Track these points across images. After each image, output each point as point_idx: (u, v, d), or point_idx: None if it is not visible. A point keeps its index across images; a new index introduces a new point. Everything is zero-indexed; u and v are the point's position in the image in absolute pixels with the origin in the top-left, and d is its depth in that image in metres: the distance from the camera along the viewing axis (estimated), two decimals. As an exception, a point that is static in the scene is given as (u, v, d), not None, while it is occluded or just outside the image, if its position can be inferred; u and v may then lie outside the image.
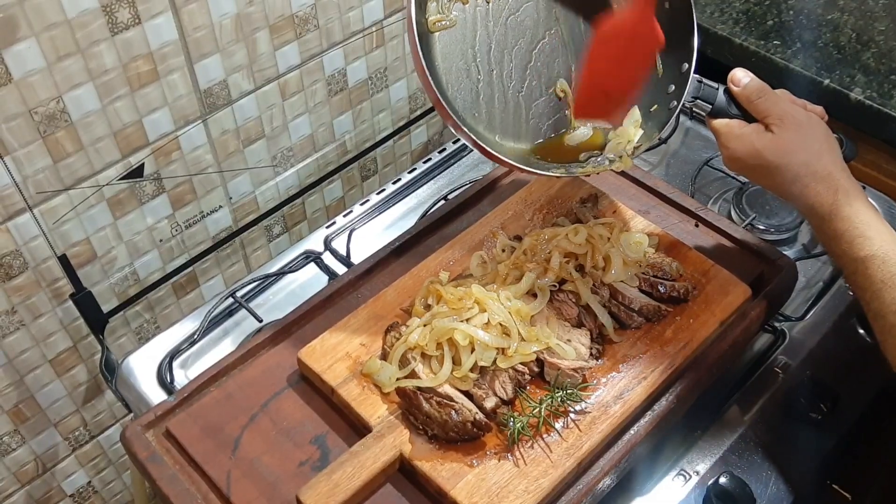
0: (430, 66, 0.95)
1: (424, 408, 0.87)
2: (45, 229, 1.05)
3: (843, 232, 0.85)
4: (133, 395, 1.09)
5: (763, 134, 0.90)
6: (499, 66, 1.01)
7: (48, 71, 0.95)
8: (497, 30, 1.00)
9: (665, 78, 0.99)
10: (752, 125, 0.91)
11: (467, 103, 0.99)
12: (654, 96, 1.00)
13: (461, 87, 0.99)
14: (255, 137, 1.22)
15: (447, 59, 0.98)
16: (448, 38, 0.98)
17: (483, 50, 1.00)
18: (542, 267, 0.97)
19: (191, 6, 1.04)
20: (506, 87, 1.01)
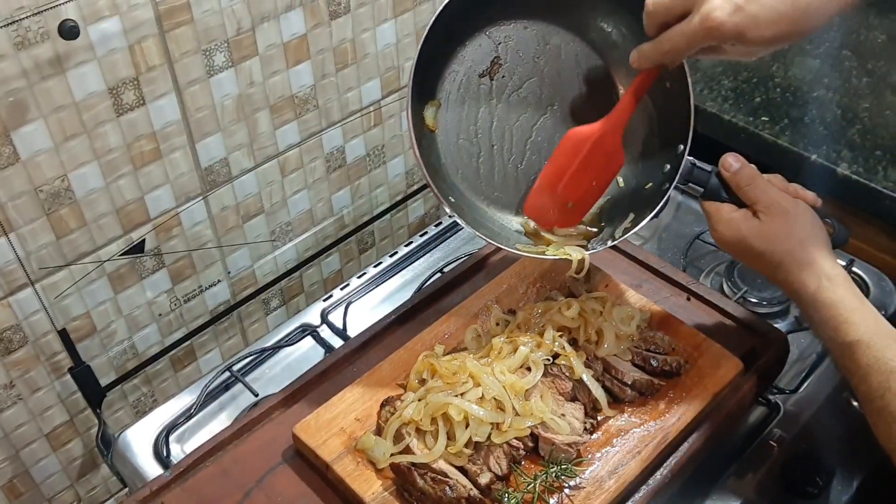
0: (427, 162, 0.98)
1: (419, 484, 0.87)
2: (46, 304, 1.06)
3: (829, 318, 0.86)
4: (129, 470, 1.09)
5: (750, 220, 0.92)
6: (500, 141, 1.04)
7: (55, 151, 0.99)
8: (500, 106, 1.03)
9: (661, 157, 1.01)
10: (741, 210, 0.93)
11: (468, 177, 1.03)
12: (650, 174, 1.02)
13: (461, 162, 1.02)
14: (254, 213, 1.25)
15: (448, 135, 1.02)
16: (450, 115, 1.02)
17: (485, 126, 1.03)
18: (536, 341, 0.98)
19: (193, 88, 1.08)
20: (505, 162, 1.04)
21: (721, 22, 0.79)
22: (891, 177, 1.32)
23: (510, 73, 1.03)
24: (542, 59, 1.03)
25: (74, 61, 0.95)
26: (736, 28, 0.79)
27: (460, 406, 0.90)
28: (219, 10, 1.05)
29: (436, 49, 0.97)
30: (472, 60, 1.01)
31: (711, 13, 0.80)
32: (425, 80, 0.99)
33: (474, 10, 0.99)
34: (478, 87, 1.02)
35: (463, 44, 1.00)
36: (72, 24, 0.91)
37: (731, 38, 0.81)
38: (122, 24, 0.97)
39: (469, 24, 1.00)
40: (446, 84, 1.01)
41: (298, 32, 1.15)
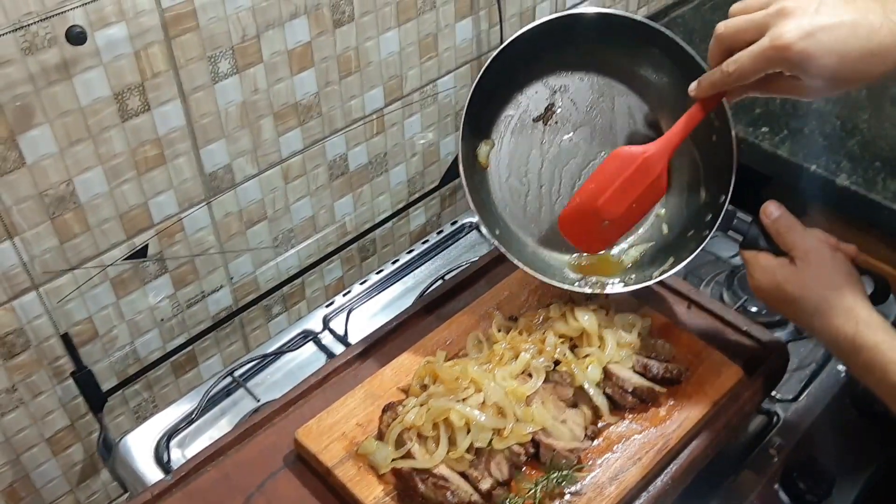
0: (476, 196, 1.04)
1: (420, 489, 0.87)
2: (49, 308, 1.07)
3: (872, 361, 0.85)
4: (129, 475, 1.09)
5: (786, 267, 0.91)
6: (549, 183, 1.10)
7: (60, 155, 0.99)
8: (551, 150, 1.09)
9: (704, 207, 1.04)
10: (778, 258, 0.93)
11: (515, 214, 1.09)
12: (692, 222, 1.05)
13: (510, 200, 1.09)
14: (257, 219, 1.26)
15: (500, 173, 1.09)
16: (503, 155, 1.09)
17: (535, 168, 1.09)
18: (538, 347, 0.99)
19: (198, 94, 1.09)
20: (553, 202, 1.10)
21: (791, 44, 0.79)
22: (890, 188, 1.33)
23: (563, 121, 1.09)
24: (596, 109, 1.09)
25: (81, 67, 0.96)
26: (804, 53, 0.79)
27: (462, 411, 0.90)
28: (224, 18, 1.06)
29: (492, 91, 1.04)
30: (527, 105, 1.08)
31: (782, 34, 0.79)
32: (481, 119, 1.06)
33: (532, 59, 1.05)
34: (531, 131, 1.09)
35: (521, 89, 1.07)
36: (79, 29, 0.92)
37: (797, 64, 0.80)
38: (128, 31, 0.98)
39: (527, 72, 1.06)
40: (501, 126, 1.08)
41: (303, 40, 1.16)
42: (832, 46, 0.79)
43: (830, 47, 0.79)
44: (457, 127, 1.50)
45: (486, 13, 1.41)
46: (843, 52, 0.79)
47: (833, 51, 0.79)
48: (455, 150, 1.52)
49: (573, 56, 1.06)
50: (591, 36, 1.04)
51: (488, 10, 1.40)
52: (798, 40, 0.79)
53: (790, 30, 0.79)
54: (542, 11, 1.52)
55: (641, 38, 1.02)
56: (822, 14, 0.79)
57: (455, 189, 1.58)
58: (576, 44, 1.05)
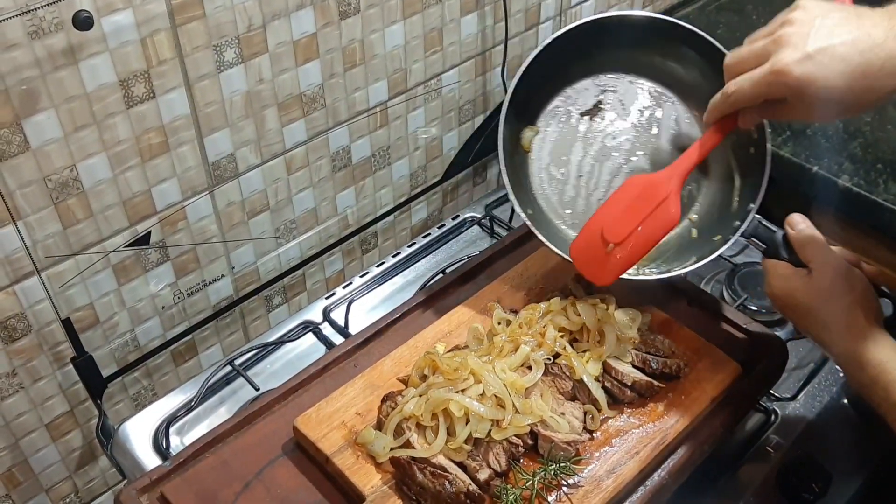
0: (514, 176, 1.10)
1: (418, 478, 0.87)
2: (51, 293, 1.07)
3: (876, 378, 0.84)
4: (128, 461, 1.10)
5: (802, 277, 0.92)
6: (587, 174, 1.14)
7: (64, 141, 0.99)
8: (594, 144, 1.15)
9: (734, 214, 1.07)
10: (796, 269, 0.93)
11: (550, 199, 1.14)
12: (720, 227, 1.07)
13: (547, 185, 1.15)
14: (259, 209, 1.26)
15: (540, 159, 1.15)
16: (546, 142, 1.15)
17: (576, 158, 1.15)
18: (537, 340, 0.99)
19: (203, 83, 1.09)
20: (589, 193, 1.14)
21: (790, 68, 0.79)
22: (891, 189, 1.33)
23: (610, 118, 1.14)
24: (642, 112, 1.14)
25: (87, 52, 0.96)
26: (805, 75, 0.79)
27: (461, 402, 0.90)
28: (230, 7, 1.06)
29: (542, 81, 1.11)
30: (576, 99, 1.15)
31: (781, 60, 0.80)
32: (528, 106, 1.13)
33: (583, 55, 1.11)
34: (577, 124, 1.15)
35: (571, 83, 1.14)
36: (86, 14, 0.92)
37: (798, 86, 0.79)
38: (134, 17, 0.98)
39: (579, 67, 1.13)
40: (548, 115, 1.15)
41: (308, 31, 1.16)
42: (834, 67, 0.78)
43: (832, 68, 0.78)
44: (460, 122, 1.50)
45: (492, 8, 1.41)
46: (846, 71, 0.78)
47: (835, 71, 0.78)
48: (458, 146, 1.52)
49: (625, 58, 1.12)
50: (639, 39, 1.09)
51: (493, 6, 1.41)
52: (797, 65, 0.79)
53: (789, 55, 0.80)
54: (547, 9, 1.53)
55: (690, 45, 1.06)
56: (820, 36, 0.79)
57: (457, 184, 1.58)
58: (627, 46, 1.10)
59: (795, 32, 0.80)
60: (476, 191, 1.64)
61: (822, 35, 0.79)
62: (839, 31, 0.79)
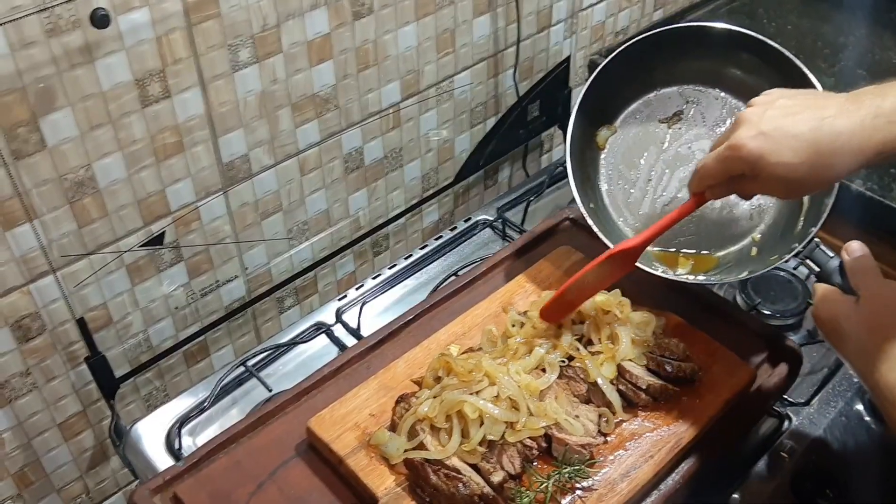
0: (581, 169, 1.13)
1: (432, 480, 0.87)
2: (66, 292, 1.07)
3: None
4: (140, 462, 1.10)
5: (848, 304, 0.90)
6: (657, 179, 1.16)
7: (80, 140, 0.99)
8: (668, 151, 1.17)
9: (795, 236, 1.07)
10: (844, 295, 0.92)
11: (615, 196, 1.17)
12: (781, 249, 1.07)
13: (614, 183, 1.17)
14: (272, 211, 1.26)
15: (613, 158, 1.18)
16: (620, 143, 1.18)
17: (648, 162, 1.17)
18: (552, 343, 0.99)
19: (218, 83, 1.09)
20: (655, 197, 1.16)
21: (744, 143, 0.84)
22: (906, 194, 1.33)
23: (687, 129, 1.16)
24: (721, 127, 1.15)
25: (103, 51, 0.96)
26: (758, 150, 0.83)
27: (475, 404, 0.90)
28: (245, 6, 1.07)
29: (624, 84, 1.14)
30: (657, 106, 1.17)
31: (737, 136, 0.85)
32: (607, 106, 1.17)
33: (667, 63, 1.13)
34: (655, 129, 1.17)
35: (654, 90, 1.17)
36: (103, 12, 0.92)
37: (752, 161, 0.83)
38: (150, 15, 0.99)
39: (664, 75, 1.16)
40: (627, 116, 1.18)
41: (322, 31, 1.17)
42: (786, 143, 0.82)
43: (784, 144, 0.82)
44: (472, 125, 1.50)
45: (504, 10, 1.41)
46: (798, 148, 0.81)
47: (787, 147, 0.82)
48: (470, 148, 1.52)
49: (709, 69, 1.13)
50: (720, 52, 1.11)
51: (506, 7, 1.41)
52: (750, 140, 0.83)
53: (744, 131, 0.84)
54: (559, 11, 1.53)
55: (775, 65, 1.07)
56: (775, 115, 0.84)
57: (469, 186, 1.58)
58: (710, 58, 1.12)
59: (753, 112, 0.85)
60: (488, 193, 1.64)
61: (777, 114, 0.84)
62: (794, 109, 0.84)
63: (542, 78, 1.57)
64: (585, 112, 1.13)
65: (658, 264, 1.12)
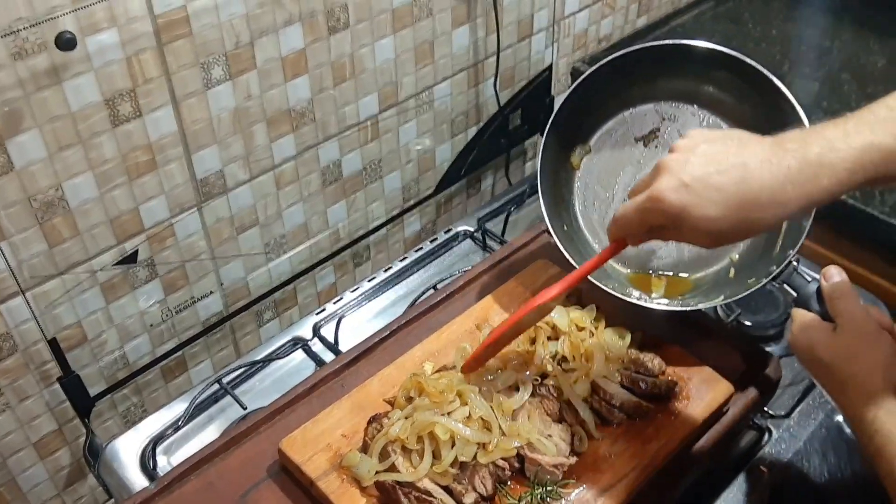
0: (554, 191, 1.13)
1: (403, 502, 0.87)
2: (37, 313, 1.06)
3: (883, 449, 0.81)
4: (115, 481, 1.09)
5: (825, 332, 0.88)
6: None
7: (49, 161, 0.99)
8: (645, 169, 1.14)
9: (773, 259, 1.05)
10: (822, 322, 0.90)
11: (590, 218, 1.16)
12: (758, 272, 1.05)
13: (589, 204, 1.15)
14: (248, 225, 1.25)
15: (588, 177, 1.16)
16: (595, 162, 1.16)
17: (624, 181, 1.15)
18: (524, 359, 0.98)
19: (191, 100, 1.08)
20: None
21: (664, 195, 0.79)
22: (887, 202, 1.32)
23: (663, 146, 1.14)
24: None
25: (71, 72, 0.96)
26: (680, 203, 0.78)
27: (447, 425, 0.89)
28: (218, 24, 1.06)
29: (599, 102, 1.12)
30: (632, 124, 1.14)
31: (658, 187, 0.80)
32: (582, 125, 1.14)
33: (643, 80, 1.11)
34: (631, 148, 1.15)
35: (629, 107, 1.14)
36: (69, 35, 0.91)
37: (674, 213, 0.79)
38: (119, 37, 0.98)
39: (639, 92, 1.12)
40: (602, 135, 1.15)
41: (297, 47, 1.16)
42: (708, 196, 0.78)
43: (707, 197, 0.78)
44: (453, 134, 1.49)
45: (484, 20, 1.40)
46: (720, 201, 0.77)
47: (709, 200, 0.78)
48: (451, 158, 1.52)
49: (688, 87, 1.11)
50: (700, 69, 1.08)
51: (485, 18, 1.40)
52: (671, 192, 0.78)
53: (665, 182, 0.79)
54: (540, 20, 1.52)
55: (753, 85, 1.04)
56: (697, 164, 0.79)
57: (451, 196, 1.58)
58: (688, 75, 1.09)
59: (675, 159, 0.80)
60: (470, 202, 1.63)
61: (699, 163, 0.79)
62: (717, 159, 0.79)
63: (524, 86, 1.57)
64: (559, 131, 1.11)
65: (632, 288, 1.11)
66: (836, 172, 0.76)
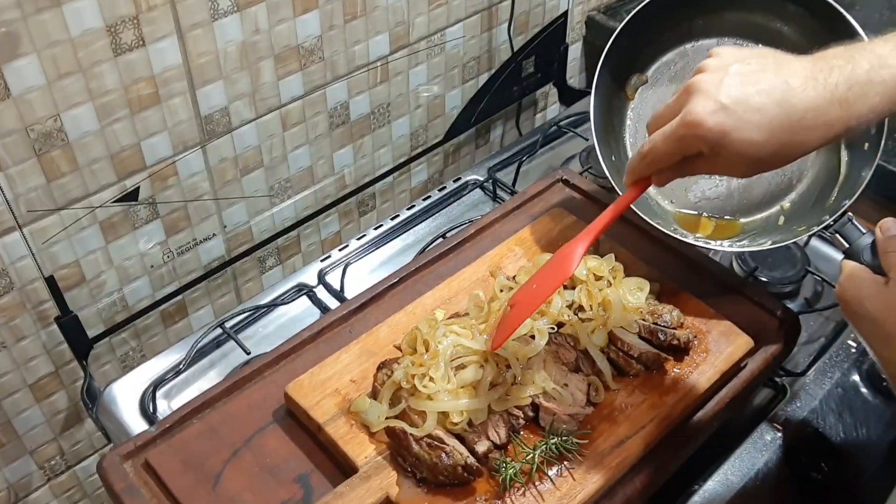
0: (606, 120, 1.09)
1: (414, 449, 0.84)
2: (34, 249, 1.02)
3: None
4: (113, 425, 1.06)
5: (877, 285, 0.82)
6: None
7: (48, 89, 0.94)
8: None
9: (826, 209, 1.00)
10: (873, 275, 0.84)
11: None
12: (810, 220, 1.01)
13: (640, 137, 1.13)
14: (253, 167, 1.21)
15: (642, 108, 1.12)
16: (651, 94, 1.12)
17: None
18: (541, 308, 0.95)
19: (196, 32, 1.04)
20: None
21: (702, 119, 0.73)
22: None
23: None
24: None
25: (71, -6, 0.91)
26: (719, 127, 0.72)
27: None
28: (225, -50, 1.01)
29: (660, 32, 1.08)
30: (693, 58, 1.10)
31: (692, 110, 0.73)
32: (640, 54, 1.10)
33: (710, 13, 1.07)
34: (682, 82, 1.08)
35: (693, 40, 1.10)
36: (69, -48, 0.87)
37: (713, 139, 0.73)
38: (122, -42, 0.93)
39: (704, 25, 1.09)
40: (660, 67, 1.11)
41: (307, -21, 1.11)
42: (749, 118, 0.72)
43: (748, 119, 0.72)
44: (464, 80, 1.44)
45: (500, -39, 1.35)
46: (762, 124, 0.72)
47: (751, 123, 0.72)
48: (461, 105, 1.47)
49: (754, 23, 1.06)
50: (770, 4, 1.04)
51: (502, -41, 1.35)
52: (710, 115, 0.72)
53: (700, 105, 0.73)
54: (557, -37, 1.47)
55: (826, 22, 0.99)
56: (734, 84, 0.73)
57: (460, 145, 1.54)
58: (757, 10, 1.05)
59: (708, 80, 0.74)
60: (479, 153, 1.59)
61: (735, 83, 0.73)
62: (755, 78, 0.73)
63: (538, 33, 1.52)
64: (617, 56, 1.05)
65: (677, 227, 1.07)
66: (888, 89, 0.71)
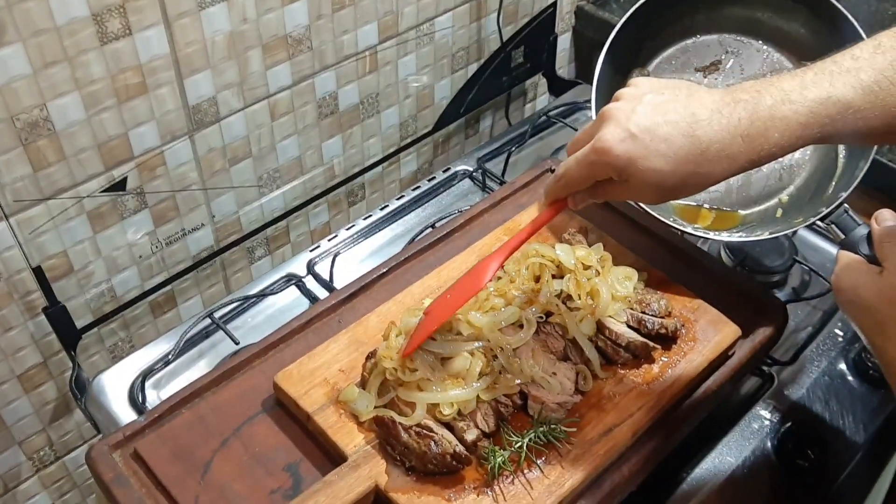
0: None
1: (403, 438, 0.84)
2: (21, 240, 1.02)
3: None
4: (102, 415, 1.06)
5: (871, 274, 0.84)
6: None
7: (33, 78, 0.94)
8: None
9: (823, 201, 1.01)
10: (869, 265, 0.85)
11: None
12: (806, 211, 1.02)
13: None
14: (241, 157, 1.20)
15: None
16: None
17: None
18: (528, 297, 0.95)
19: (183, 21, 1.03)
20: None
21: (611, 146, 0.75)
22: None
23: (724, 79, 1.11)
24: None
25: (56, -18, 0.90)
26: (626, 154, 0.74)
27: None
28: (212, -62, 1.00)
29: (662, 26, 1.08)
30: (694, 53, 1.11)
31: (602, 137, 0.75)
32: (642, 48, 1.10)
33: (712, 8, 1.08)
34: (689, 77, 1.11)
35: (695, 35, 1.11)
36: (54, -60, 0.86)
37: (621, 166, 0.75)
38: (108, -54, 0.92)
39: (706, 21, 1.09)
40: (661, 62, 1.12)
41: (295, -32, 1.10)
42: (656, 148, 0.74)
43: (654, 149, 0.74)
44: (453, 70, 1.44)
45: (489, -49, 1.35)
46: (668, 154, 0.74)
47: (657, 152, 0.74)
48: (450, 95, 1.47)
49: (755, 19, 1.07)
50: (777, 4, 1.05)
51: (491, -52, 1.35)
52: (618, 143, 0.75)
53: (609, 133, 0.75)
54: (547, -47, 1.46)
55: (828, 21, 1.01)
56: (644, 114, 0.75)
57: (449, 135, 1.53)
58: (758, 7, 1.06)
59: (621, 108, 0.76)
60: (468, 143, 1.59)
61: (646, 113, 0.75)
62: (665, 108, 0.75)
63: (527, 23, 1.51)
64: (618, 51, 1.05)
65: (677, 218, 1.08)
66: (789, 126, 0.73)
